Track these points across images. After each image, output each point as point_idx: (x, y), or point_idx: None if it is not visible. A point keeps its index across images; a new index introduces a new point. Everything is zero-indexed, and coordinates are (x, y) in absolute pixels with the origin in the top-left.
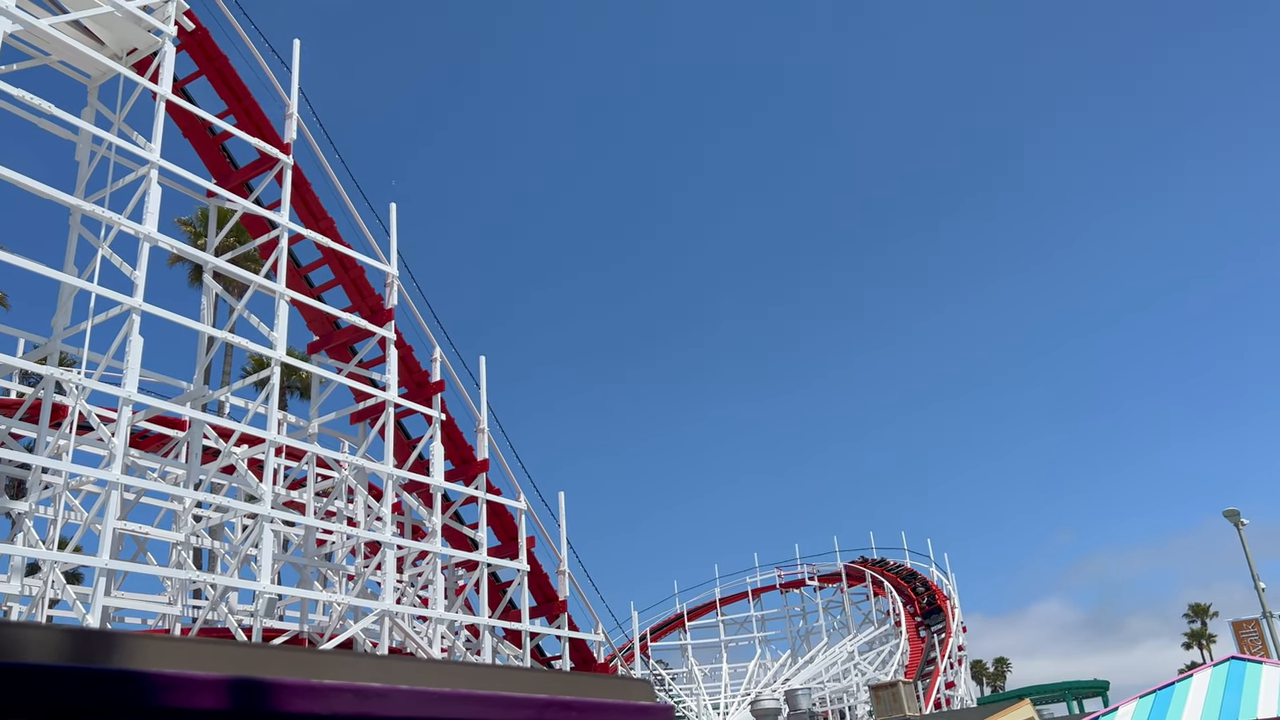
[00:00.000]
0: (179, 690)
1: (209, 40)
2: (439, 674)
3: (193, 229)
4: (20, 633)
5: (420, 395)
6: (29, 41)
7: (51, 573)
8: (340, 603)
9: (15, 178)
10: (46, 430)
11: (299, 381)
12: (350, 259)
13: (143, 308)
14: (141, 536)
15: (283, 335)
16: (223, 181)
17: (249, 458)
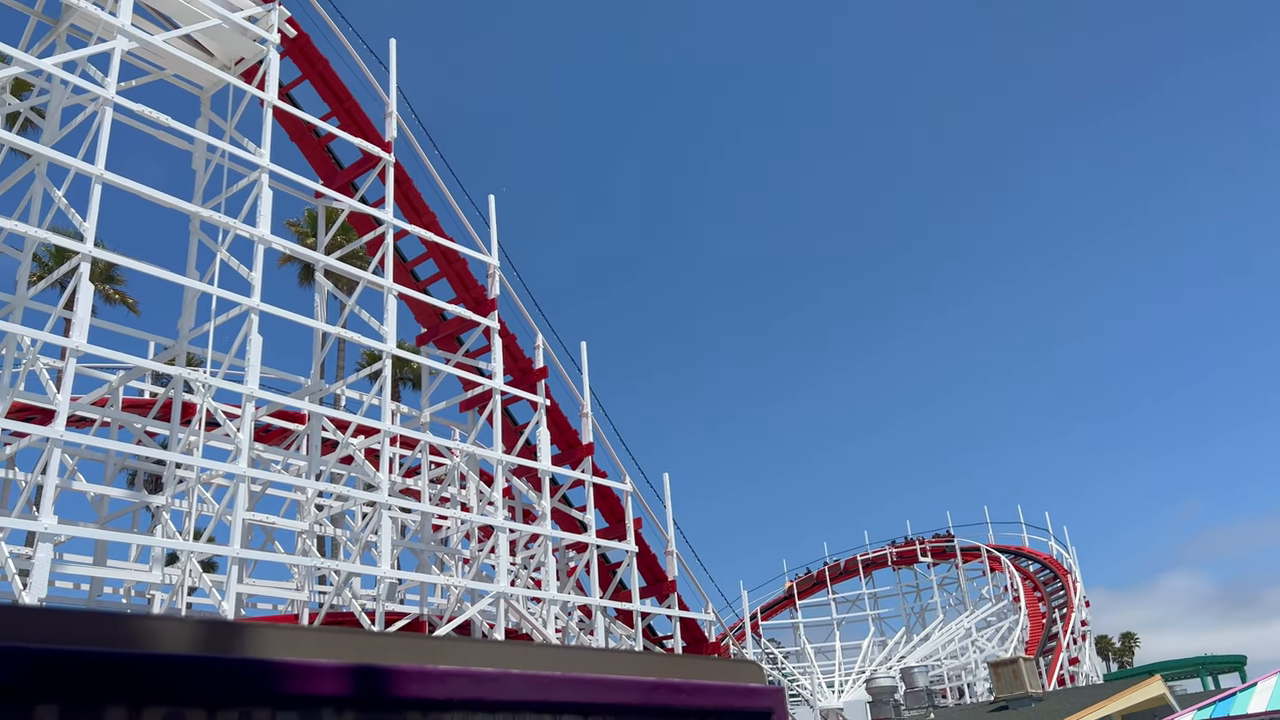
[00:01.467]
0: (303, 678)
1: (310, 45)
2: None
3: (300, 229)
4: (155, 625)
5: (525, 382)
6: (145, 58)
7: (189, 562)
8: (457, 586)
9: (140, 189)
10: (178, 428)
11: (410, 373)
12: (453, 252)
13: (260, 307)
14: (269, 526)
15: (392, 329)
16: (329, 182)
17: (366, 448)
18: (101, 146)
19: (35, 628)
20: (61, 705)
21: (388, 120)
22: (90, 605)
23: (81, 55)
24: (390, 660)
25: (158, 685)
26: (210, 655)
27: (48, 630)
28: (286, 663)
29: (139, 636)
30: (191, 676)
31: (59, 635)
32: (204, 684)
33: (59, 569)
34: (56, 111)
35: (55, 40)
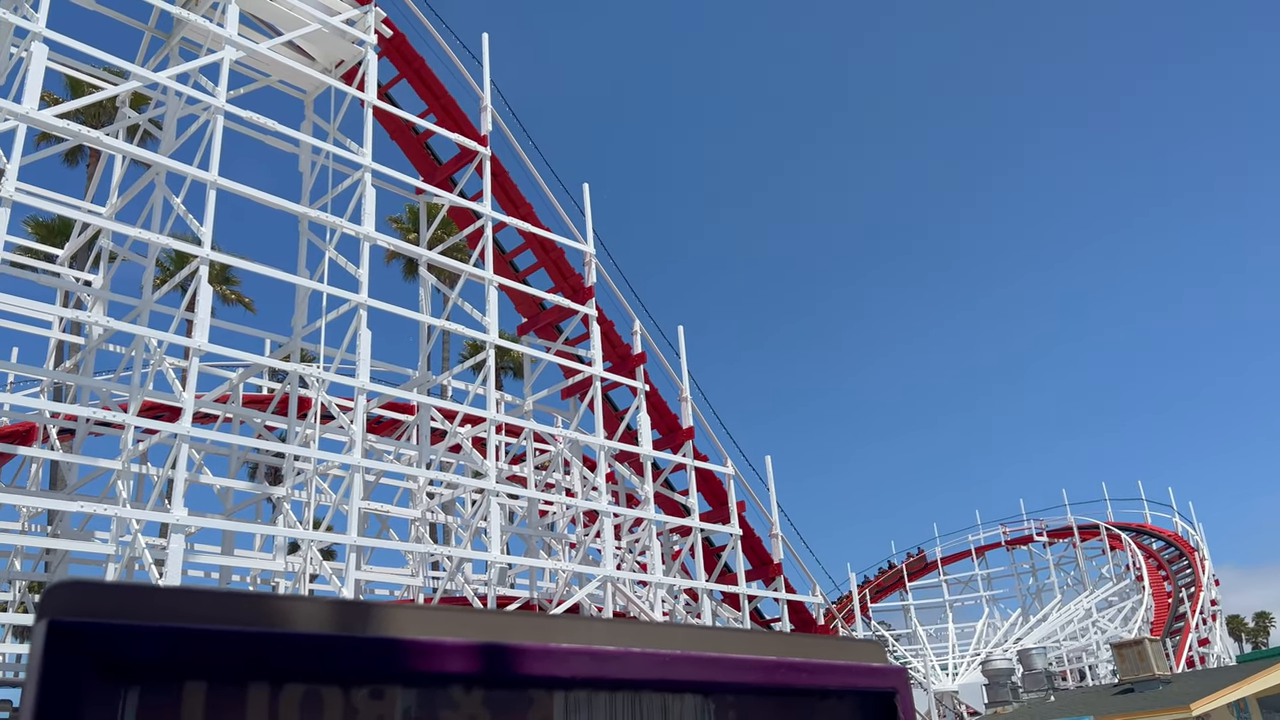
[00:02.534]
0: (431, 655)
1: (406, 44)
2: (670, 636)
3: (403, 225)
4: (292, 605)
5: (624, 368)
6: (252, 66)
7: (310, 550)
8: (565, 570)
9: (251, 192)
10: (295, 421)
11: (512, 362)
12: (550, 241)
13: (368, 303)
14: (383, 514)
15: (494, 319)
16: (429, 178)
17: (473, 436)
18: (215, 153)
19: (184, 608)
20: (209, 682)
21: (483, 114)
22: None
23: (193, 67)
24: (514, 639)
25: (297, 663)
26: (344, 634)
27: (195, 610)
28: (416, 641)
29: (278, 616)
30: (327, 654)
31: (205, 615)
32: (339, 662)
33: (191, 558)
34: (172, 122)
35: (169, 54)
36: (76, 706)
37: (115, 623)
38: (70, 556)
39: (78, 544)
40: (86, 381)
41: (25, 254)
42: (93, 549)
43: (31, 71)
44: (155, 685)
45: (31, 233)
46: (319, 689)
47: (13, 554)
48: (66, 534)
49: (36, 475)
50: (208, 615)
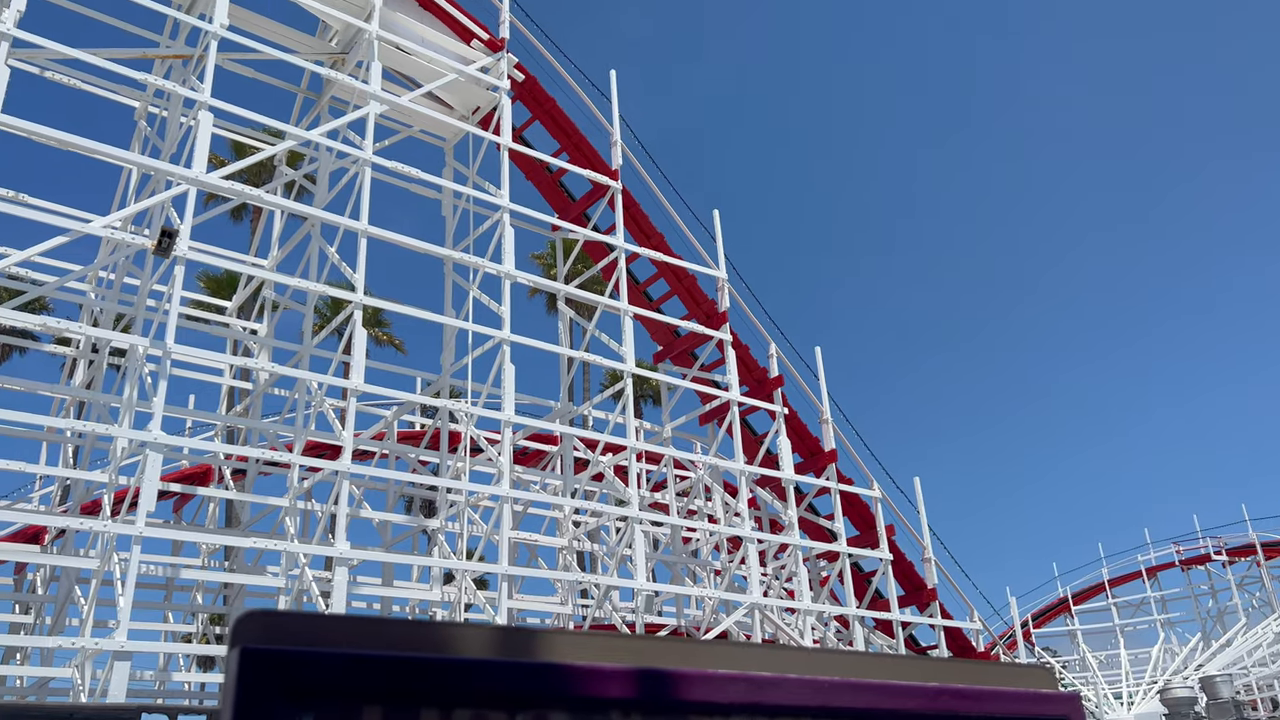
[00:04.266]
0: (591, 680)
1: (537, 87)
2: (829, 662)
3: (544, 261)
4: (459, 631)
5: (761, 392)
6: (396, 118)
7: (464, 580)
8: (711, 597)
9: (399, 239)
10: (446, 455)
11: (650, 390)
12: (682, 269)
13: (511, 338)
14: (532, 544)
15: (630, 349)
16: (564, 214)
17: (614, 465)
18: (364, 203)
19: (361, 635)
20: (384, 707)
21: (613, 149)
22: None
23: (342, 123)
24: (671, 664)
25: (465, 687)
26: (509, 659)
27: (372, 637)
28: (577, 666)
29: (446, 642)
30: (493, 679)
31: (381, 642)
32: (504, 686)
33: (354, 590)
34: (325, 176)
35: (320, 113)
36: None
37: (300, 649)
38: (246, 590)
39: (252, 578)
40: (255, 424)
41: (198, 307)
42: (265, 582)
43: (199, 138)
44: (336, 709)
45: (204, 286)
46: (485, 713)
47: (195, 588)
48: (241, 569)
49: (214, 514)
50: (383, 642)
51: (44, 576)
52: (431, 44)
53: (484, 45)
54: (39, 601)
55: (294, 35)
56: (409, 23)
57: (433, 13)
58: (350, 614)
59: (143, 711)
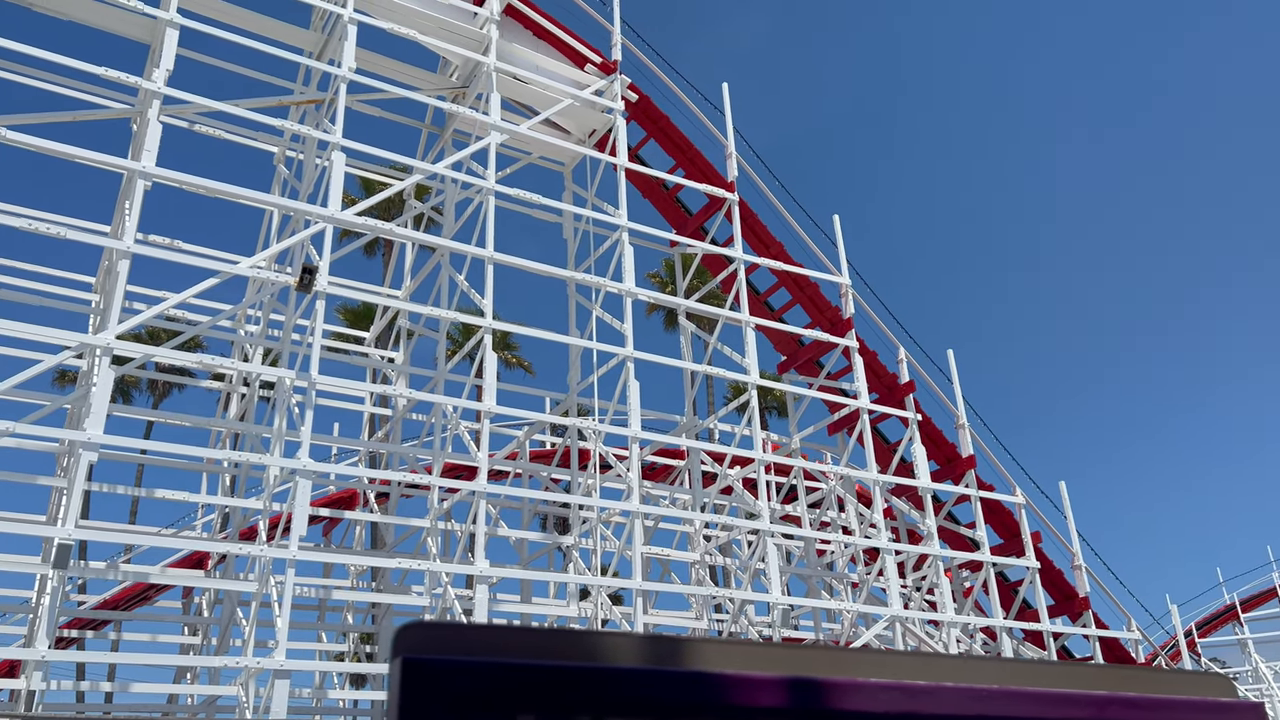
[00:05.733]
0: (740, 689)
1: (651, 105)
2: (986, 670)
3: (660, 279)
4: (609, 640)
5: (892, 399)
6: (515, 147)
7: (599, 596)
8: (849, 610)
9: (524, 263)
10: (577, 473)
11: (775, 401)
12: (803, 277)
13: (634, 355)
14: (664, 559)
15: (753, 360)
16: (681, 230)
17: (743, 478)
18: (489, 231)
19: (514, 645)
20: (537, 715)
21: (728, 161)
22: None
23: (465, 155)
24: (822, 673)
25: (617, 696)
26: (659, 668)
27: (524, 647)
28: (727, 675)
29: (597, 651)
30: (644, 688)
31: (533, 651)
32: (655, 695)
33: (494, 607)
34: (451, 207)
35: (444, 146)
36: None
37: (458, 659)
38: (392, 609)
39: (398, 597)
40: (396, 449)
41: (339, 338)
42: (411, 601)
43: (333, 178)
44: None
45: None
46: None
47: (345, 608)
48: (388, 588)
49: (360, 536)
50: (535, 651)
51: (209, 600)
52: (547, 71)
53: (597, 69)
54: (205, 623)
55: (417, 73)
56: (525, 52)
57: (547, 41)
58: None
59: None
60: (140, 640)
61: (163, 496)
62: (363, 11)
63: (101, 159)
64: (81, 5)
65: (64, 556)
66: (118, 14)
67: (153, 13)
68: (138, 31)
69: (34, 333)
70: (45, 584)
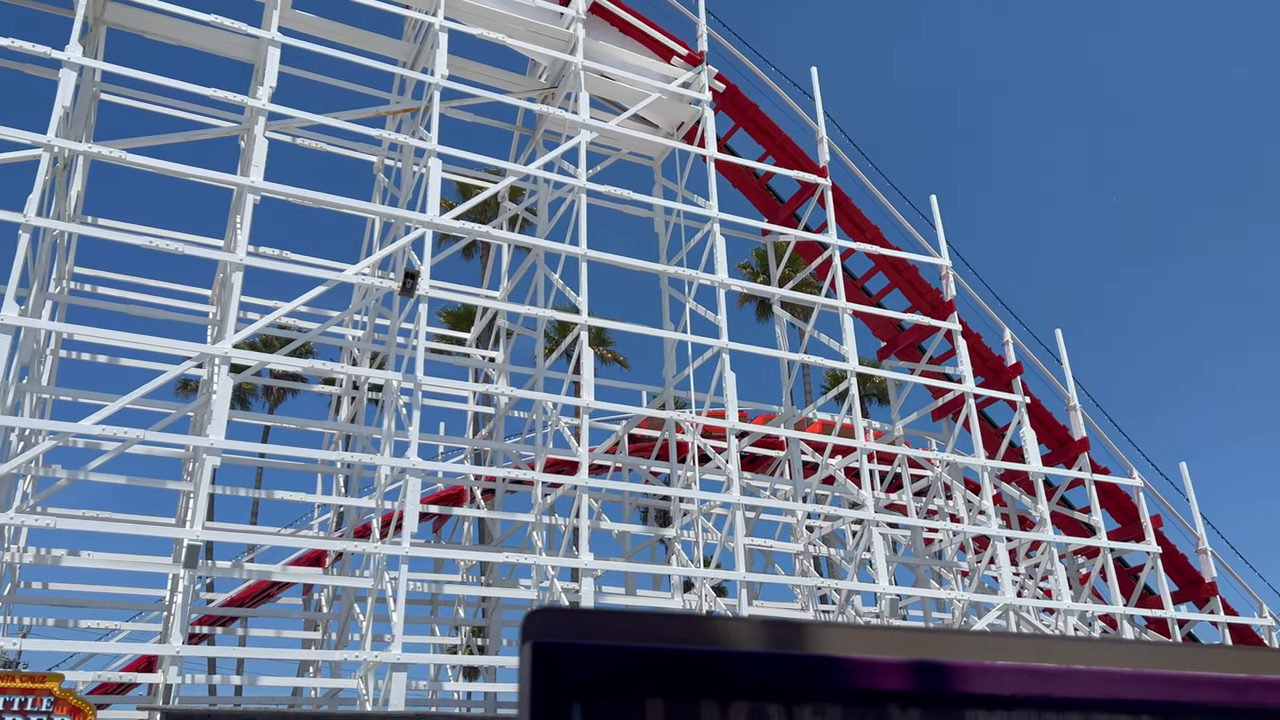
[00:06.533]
0: (868, 673)
1: (739, 94)
2: (1119, 652)
3: (750, 269)
4: (732, 625)
5: (998, 382)
6: (605, 144)
7: (703, 588)
8: (960, 599)
9: (617, 259)
10: (675, 465)
11: (875, 388)
12: (901, 260)
13: (729, 346)
14: (767, 550)
15: (851, 347)
16: (773, 218)
17: (845, 467)
18: (582, 229)
19: (639, 630)
20: (665, 700)
21: (819, 146)
22: None
23: (556, 155)
24: (948, 656)
25: (742, 680)
26: (783, 652)
27: (649, 632)
28: (851, 658)
29: (720, 635)
30: (768, 672)
31: (657, 636)
32: (779, 679)
33: (600, 599)
34: (544, 207)
35: (535, 147)
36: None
37: (586, 643)
38: (501, 603)
39: (507, 591)
40: (500, 446)
41: (442, 340)
42: (519, 595)
43: (431, 183)
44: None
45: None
46: (763, 706)
47: (456, 603)
48: (497, 582)
49: (468, 532)
50: (660, 636)
51: (327, 596)
52: (634, 67)
53: (684, 61)
54: (325, 619)
55: (506, 76)
56: (611, 49)
57: (633, 36)
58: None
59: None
60: (265, 636)
61: (281, 498)
62: (453, 19)
63: (214, 176)
64: (190, 30)
65: (193, 557)
66: (223, 36)
67: (256, 33)
68: (241, 52)
69: (157, 345)
70: (177, 583)
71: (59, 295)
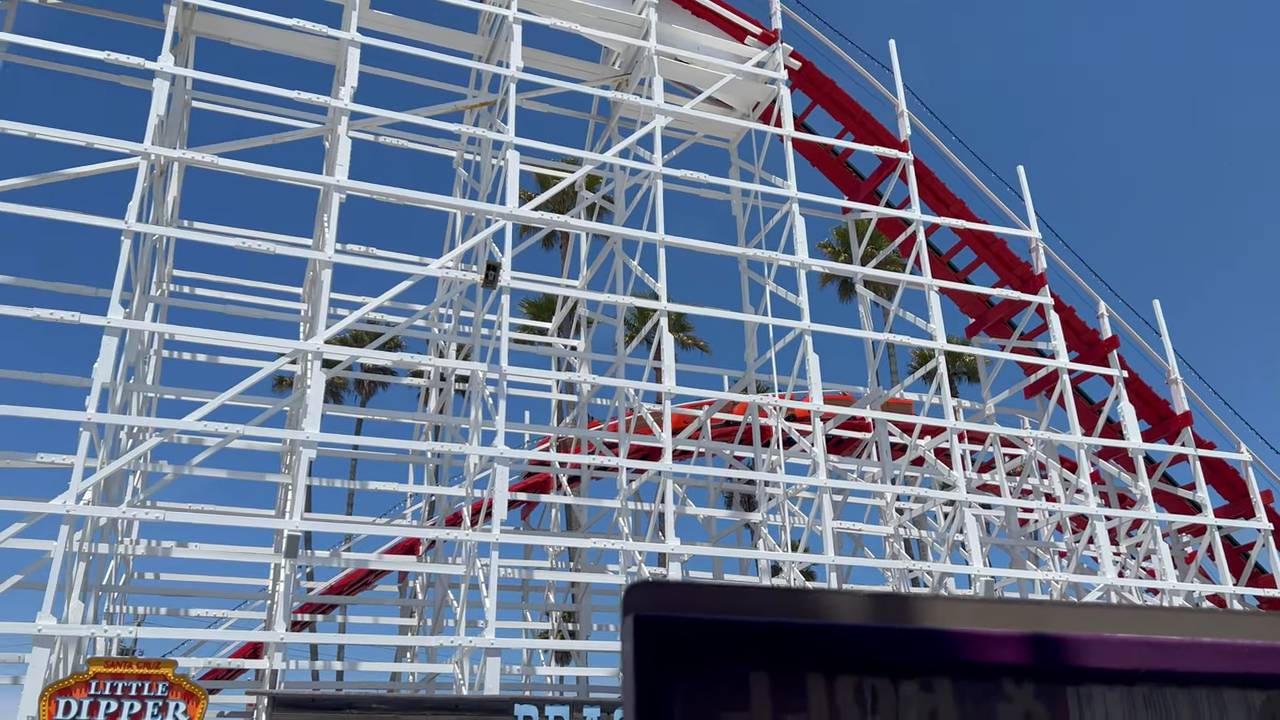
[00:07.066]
0: (977, 645)
1: (815, 71)
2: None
3: (831, 249)
4: (835, 598)
5: (1093, 356)
6: (680, 128)
7: (791, 572)
8: (1058, 580)
9: (695, 244)
10: (760, 449)
11: (964, 366)
12: (988, 234)
13: (811, 328)
14: (856, 533)
15: (939, 325)
16: (853, 195)
17: (934, 448)
18: (659, 215)
19: (740, 603)
20: (770, 673)
21: (899, 120)
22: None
23: (631, 142)
24: (1062, 629)
25: (848, 654)
26: (889, 625)
27: (751, 605)
28: (961, 631)
29: (824, 609)
30: (874, 645)
31: (760, 609)
32: (887, 653)
33: None
34: (621, 194)
35: (610, 135)
36: (667, 690)
37: (690, 616)
38: (591, 588)
39: (595, 576)
40: (583, 433)
41: (524, 330)
42: (607, 579)
43: (509, 176)
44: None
45: (526, 311)
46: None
47: (546, 588)
48: (585, 568)
49: (556, 519)
50: (762, 609)
51: (422, 583)
52: (707, 49)
53: (758, 40)
54: (420, 605)
55: (580, 65)
56: (684, 32)
57: (706, 18)
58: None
59: (515, 703)
60: (363, 622)
61: (375, 488)
62: (526, 10)
63: (302, 177)
64: (272, 35)
65: (294, 546)
66: (304, 39)
67: (336, 34)
68: (322, 53)
69: (253, 343)
70: (279, 572)
71: (160, 298)
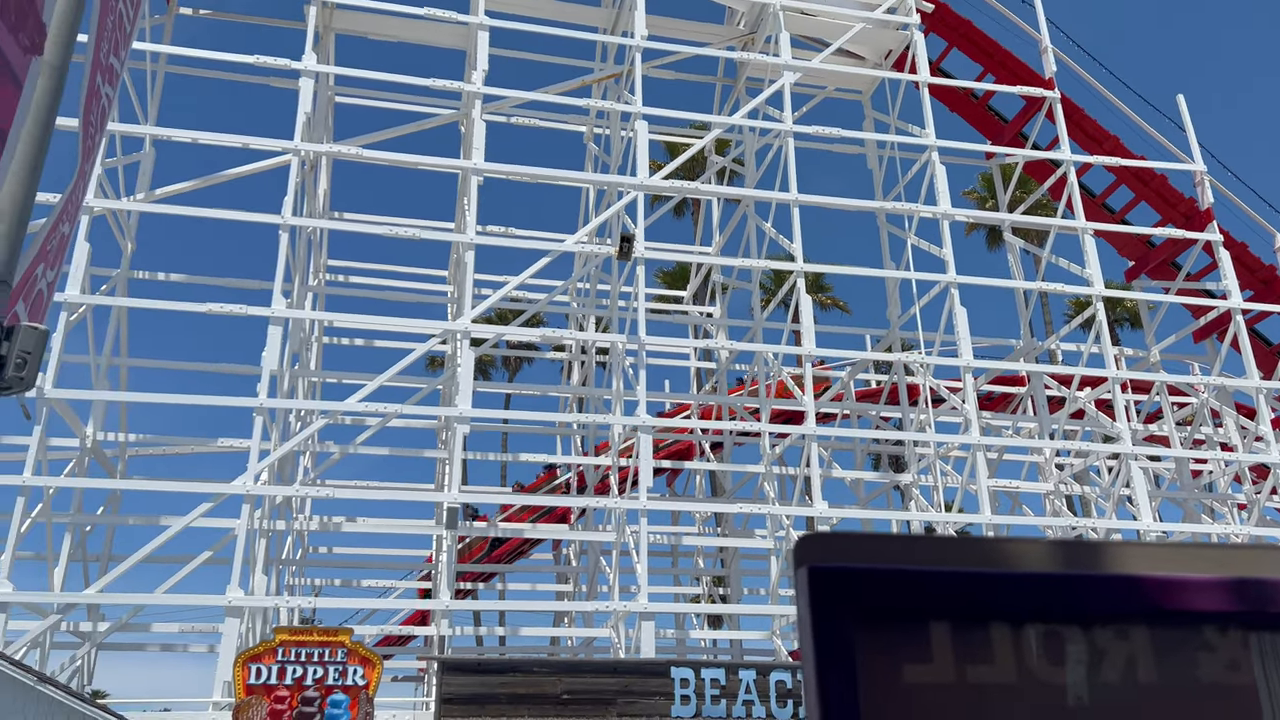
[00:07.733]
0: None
1: (949, 12)
2: None
3: (977, 195)
4: (1017, 546)
5: (1270, 294)
6: (809, 84)
7: (947, 533)
8: (1240, 534)
9: (830, 201)
10: (907, 409)
11: (1125, 312)
12: (1146, 171)
13: (957, 280)
14: (1013, 491)
15: (1096, 270)
16: (997, 139)
17: (1095, 399)
18: (791, 174)
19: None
20: (953, 623)
21: (1043, 57)
22: None
23: (759, 101)
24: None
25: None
26: (1080, 572)
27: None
28: (1159, 577)
29: (1007, 557)
30: (1064, 593)
31: (938, 559)
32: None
33: None
34: (751, 156)
35: (738, 96)
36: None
37: (865, 566)
38: (739, 553)
39: (743, 541)
40: (724, 400)
41: (660, 300)
42: (755, 544)
43: (639, 146)
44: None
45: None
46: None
47: (695, 553)
48: (732, 533)
49: (700, 485)
50: (940, 559)
51: (575, 550)
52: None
53: None
54: (574, 572)
55: (705, 28)
56: None
57: None
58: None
59: (671, 665)
60: (522, 590)
61: (526, 460)
62: None
63: (441, 162)
64: (406, 26)
65: (453, 518)
66: (435, 27)
67: (465, 19)
68: (452, 39)
69: (405, 325)
70: (440, 544)
71: (317, 287)
